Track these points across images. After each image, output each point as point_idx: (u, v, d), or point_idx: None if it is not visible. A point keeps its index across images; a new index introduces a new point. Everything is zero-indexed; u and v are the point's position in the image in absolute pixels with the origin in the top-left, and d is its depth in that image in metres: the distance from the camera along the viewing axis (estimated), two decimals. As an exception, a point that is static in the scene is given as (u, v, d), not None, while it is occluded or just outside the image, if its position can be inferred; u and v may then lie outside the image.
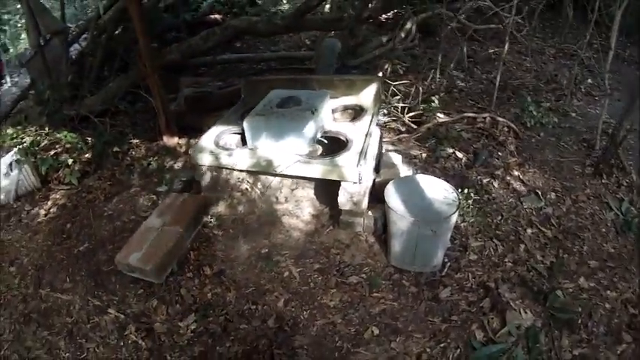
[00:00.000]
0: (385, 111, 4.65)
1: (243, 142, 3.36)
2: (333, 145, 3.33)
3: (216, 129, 3.53)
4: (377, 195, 3.33)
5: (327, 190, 3.44)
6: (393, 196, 3.01)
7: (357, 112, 3.68)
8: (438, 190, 3.08)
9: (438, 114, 4.28)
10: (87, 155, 4.04)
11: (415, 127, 4.28)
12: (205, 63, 5.66)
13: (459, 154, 4.10)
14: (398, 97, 4.60)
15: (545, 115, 4.41)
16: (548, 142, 4.17)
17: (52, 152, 3.84)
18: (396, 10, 6.22)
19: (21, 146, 3.59)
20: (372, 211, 3.28)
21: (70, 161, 3.73)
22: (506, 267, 3.07)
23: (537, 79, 5.10)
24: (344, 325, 2.73)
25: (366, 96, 3.73)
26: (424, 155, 4.14)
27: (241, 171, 3.37)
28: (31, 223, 3.54)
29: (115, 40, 4.89)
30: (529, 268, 3.06)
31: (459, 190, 3.72)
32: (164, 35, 5.49)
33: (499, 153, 4.12)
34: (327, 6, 6.32)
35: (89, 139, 4.30)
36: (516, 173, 3.89)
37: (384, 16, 6.63)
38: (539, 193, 3.63)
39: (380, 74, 5.05)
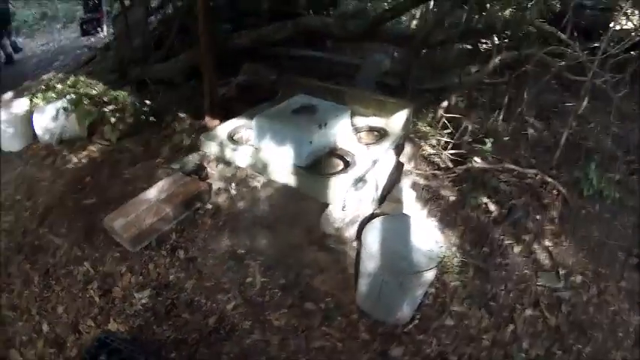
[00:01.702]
0: (434, 142, 4.59)
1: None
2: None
3: (237, 121, 3.86)
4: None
5: (330, 208, 3.56)
6: (372, 233, 3.04)
7: (380, 135, 3.74)
8: (426, 241, 3.03)
9: (476, 158, 4.12)
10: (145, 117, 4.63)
11: (451, 165, 4.18)
12: (281, 54, 6.02)
13: (492, 207, 3.94)
14: (448, 131, 4.52)
15: (608, 187, 4.04)
16: (602, 218, 3.83)
17: (106, 108, 4.48)
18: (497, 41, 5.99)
19: (72, 96, 4.28)
20: (359, 243, 3.33)
21: (112, 119, 4.33)
22: (482, 345, 2.95)
23: (618, 146, 4.65)
24: (277, 348, 2.87)
25: (395, 121, 3.78)
26: (452, 198, 4.04)
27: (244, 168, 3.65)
28: (61, 168, 4.20)
29: (192, 15, 5.45)
30: (507, 354, 2.90)
31: (468, 248, 3.62)
32: (242, 19, 5.96)
33: (537, 216, 3.89)
34: (415, 22, 6.29)
35: (146, 102, 4.93)
36: (547, 243, 3.67)
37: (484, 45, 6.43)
38: (562, 272, 3.39)
39: (445, 103, 4.98)
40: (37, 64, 7.67)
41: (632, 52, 4.49)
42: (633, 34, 4.78)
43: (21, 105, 4.48)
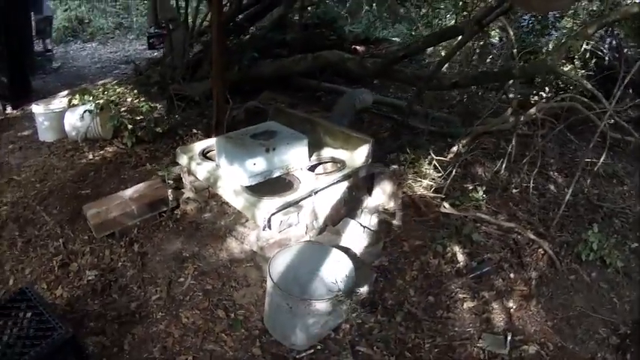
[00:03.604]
0: (425, 184, 5.01)
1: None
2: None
3: (214, 139, 4.66)
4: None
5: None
6: (283, 256, 3.57)
7: (339, 167, 4.28)
8: (335, 275, 3.46)
9: (446, 204, 4.45)
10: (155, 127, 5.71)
11: (424, 208, 4.57)
12: (312, 87, 6.83)
13: (461, 257, 4.20)
14: (440, 175, 4.91)
15: (611, 255, 4.05)
16: (595, 287, 3.92)
17: (130, 116, 5.62)
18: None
19: (100, 101, 5.47)
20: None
21: (130, 126, 5.43)
22: (375, 392, 3.24)
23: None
24: (174, 342, 3.46)
25: (357, 154, 4.30)
26: (419, 242, 4.36)
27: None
28: (76, 161, 5.35)
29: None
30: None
31: (412, 294, 3.91)
32: (270, 49, 6.87)
33: (511, 275, 4.05)
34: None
35: (171, 116, 6.01)
36: (510, 304, 3.79)
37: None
38: (513, 338, 3.46)
39: (455, 149, 5.37)
40: (100, 69, 9.42)
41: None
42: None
43: (60, 103, 5.80)
